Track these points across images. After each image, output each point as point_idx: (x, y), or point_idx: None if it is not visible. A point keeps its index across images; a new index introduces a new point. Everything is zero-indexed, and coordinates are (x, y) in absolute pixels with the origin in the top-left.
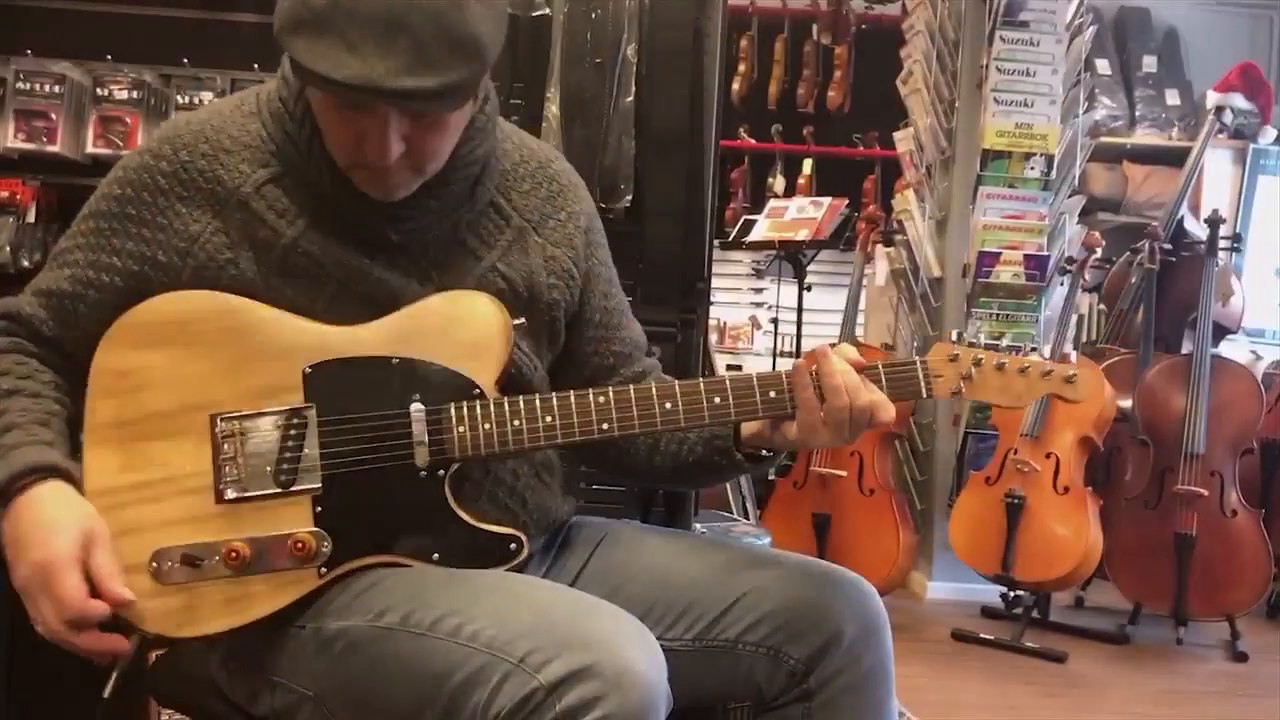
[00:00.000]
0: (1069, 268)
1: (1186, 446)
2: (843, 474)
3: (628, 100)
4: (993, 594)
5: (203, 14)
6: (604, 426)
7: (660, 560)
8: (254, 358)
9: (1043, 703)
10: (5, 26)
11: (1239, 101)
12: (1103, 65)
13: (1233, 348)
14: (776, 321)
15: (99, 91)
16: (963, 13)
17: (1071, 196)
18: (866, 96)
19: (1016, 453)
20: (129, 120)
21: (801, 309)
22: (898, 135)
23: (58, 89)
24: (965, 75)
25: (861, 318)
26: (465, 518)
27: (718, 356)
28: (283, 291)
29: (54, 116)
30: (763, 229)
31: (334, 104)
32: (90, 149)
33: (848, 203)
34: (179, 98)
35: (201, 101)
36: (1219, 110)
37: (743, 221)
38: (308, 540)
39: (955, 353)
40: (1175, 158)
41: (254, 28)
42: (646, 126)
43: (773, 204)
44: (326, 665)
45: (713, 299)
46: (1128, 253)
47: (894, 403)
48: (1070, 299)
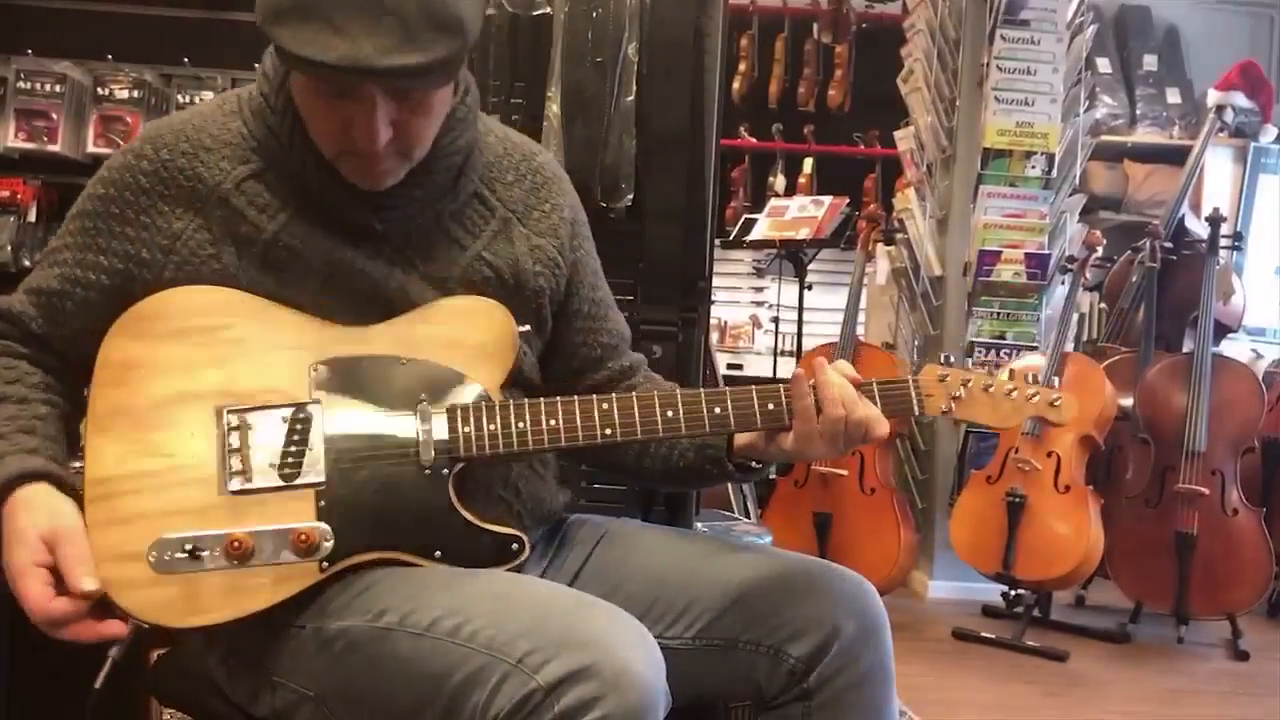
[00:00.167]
0: (1070, 266)
1: (1188, 445)
2: (844, 473)
3: (628, 99)
4: (994, 593)
5: (203, 13)
6: (607, 432)
7: (659, 559)
8: (262, 354)
9: (1044, 702)
10: (6, 26)
11: (1240, 100)
12: (1103, 64)
13: (1234, 346)
14: (777, 321)
15: (100, 91)
16: (963, 11)
17: (1072, 195)
18: (867, 95)
19: (1018, 451)
20: (130, 120)
21: (802, 308)
22: (898, 134)
23: (59, 88)
24: (966, 74)
25: (862, 317)
26: (468, 517)
27: (718, 356)
28: (265, 285)
29: (55, 116)
30: (763, 228)
31: (321, 91)
32: (91, 148)
33: (848, 201)
34: (180, 97)
35: (202, 101)
36: (1220, 109)
37: (743, 220)
38: (310, 534)
39: (944, 374)
40: (1176, 156)
41: (254, 27)
42: (647, 125)
43: (773, 203)
44: (326, 665)
45: (713, 298)
46: (1129, 251)
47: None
48: (1071, 298)
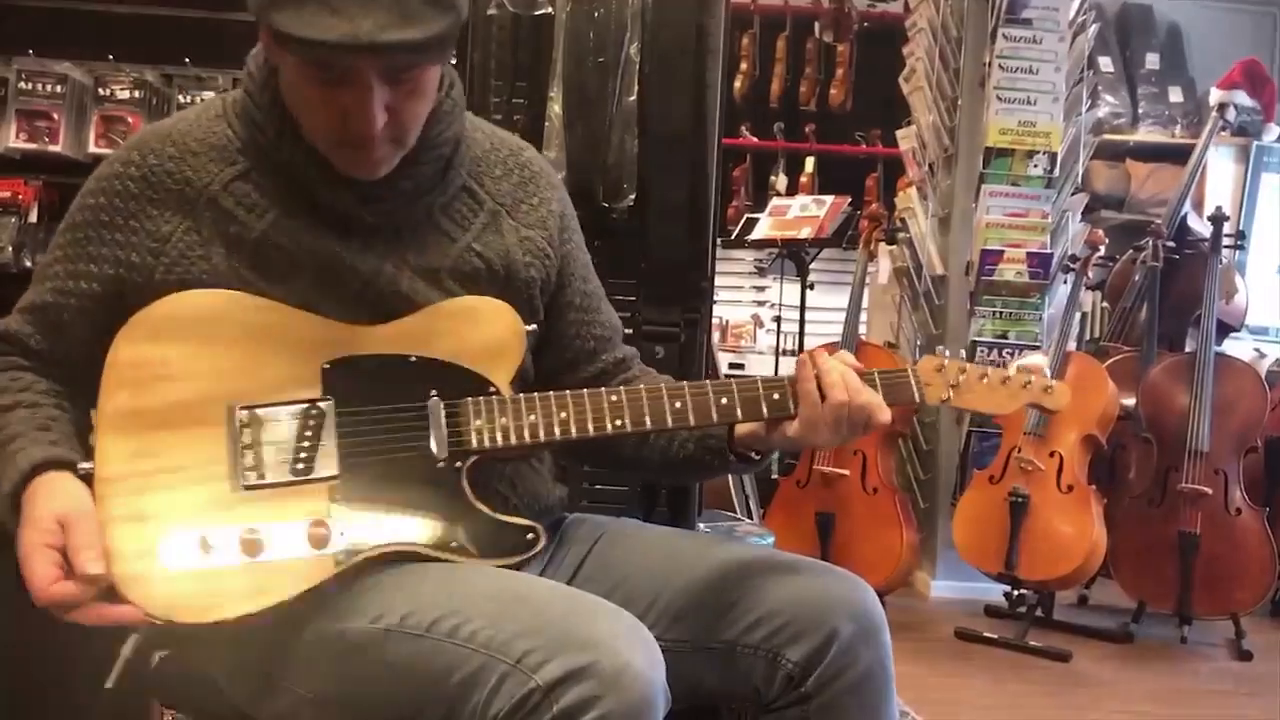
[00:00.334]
0: (1072, 265)
1: (1190, 444)
2: (846, 473)
3: (630, 99)
4: (996, 593)
5: (204, 14)
6: (617, 423)
7: (659, 559)
8: (272, 353)
9: (1046, 701)
10: (7, 26)
11: (1242, 99)
12: (1105, 62)
13: (1236, 345)
14: (779, 320)
15: (101, 91)
16: (965, 10)
17: (1074, 194)
18: (869, 94)
19: (1020, 451)
20: (131, 120)
21: (804, 307)
22: (900, 133)
23: (59, 89)
24: (968, 73)
25: (864, 316)
26: (483, 509)
27: (720, 355)
28: (256, 283)
29: (56, 116)
30: (765, 227)
31: (316, 80)
32: (92, 149)
33: (850, 201)
34: (181, 97)
35: (203, 101)
36: (1222, 107)
37: (745, 220)
38: (325, 528)
39: (942, 364)
40: (1178, 155)
41: (256, 27)
42: (649, 125)
43: (775, 202)
44: (326, 667)
45: (715, 298)
46: (1131, 250)
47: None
48: (1073, 297)
